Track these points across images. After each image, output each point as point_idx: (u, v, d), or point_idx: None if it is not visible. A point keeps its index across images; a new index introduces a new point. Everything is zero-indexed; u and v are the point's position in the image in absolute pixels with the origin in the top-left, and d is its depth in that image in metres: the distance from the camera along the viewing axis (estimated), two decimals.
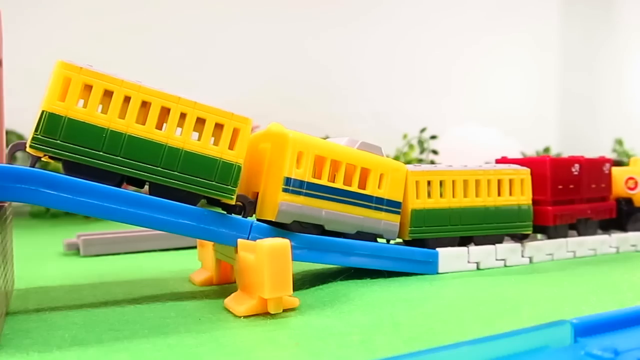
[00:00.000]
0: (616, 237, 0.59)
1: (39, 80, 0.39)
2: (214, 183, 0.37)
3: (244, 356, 0.28)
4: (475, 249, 0.49)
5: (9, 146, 0.36)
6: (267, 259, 0.34)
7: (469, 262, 0.49)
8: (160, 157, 0.36)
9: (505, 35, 1.69)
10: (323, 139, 0.43)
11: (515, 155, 1.14)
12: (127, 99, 0.35)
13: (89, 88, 0.34)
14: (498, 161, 0.57)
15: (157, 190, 0.36)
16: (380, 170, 0.45)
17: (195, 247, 0.52)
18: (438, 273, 0.48)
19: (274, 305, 0.34)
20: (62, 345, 0.29)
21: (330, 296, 0.40)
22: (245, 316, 0.34)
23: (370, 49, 1.49)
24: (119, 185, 0.35)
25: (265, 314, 0.35)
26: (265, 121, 0.51)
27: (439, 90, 1.57)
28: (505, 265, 0.51)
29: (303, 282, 0.44)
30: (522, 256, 0.52)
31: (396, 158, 1.00)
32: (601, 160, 0.58)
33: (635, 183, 0.61)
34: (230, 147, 0.38)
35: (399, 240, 0.49)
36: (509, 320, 0.34)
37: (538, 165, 0.53)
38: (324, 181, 0.42)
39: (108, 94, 0.35)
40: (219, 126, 0.37)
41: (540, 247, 0.53)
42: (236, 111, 0.38)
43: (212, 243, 0.44)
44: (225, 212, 0.39)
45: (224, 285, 0.44)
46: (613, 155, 1.56)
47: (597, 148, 1.32)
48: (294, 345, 0.29)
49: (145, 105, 0.36)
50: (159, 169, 0.36)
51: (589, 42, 1.84)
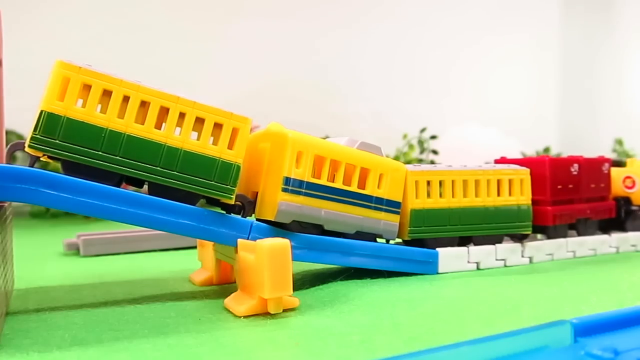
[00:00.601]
0: (616, 237, 0.59)
1: (39, 80, 0.39)
2: (213, 183, 0.37)
3: (244, 356, 0.28)
4: (475, 249, 0.49)
5: (8, 146, 0.36)
6: (267, 259, 0.34)
7: (468, 262, 0.49)
8: (159, 157, 0.36)
9: (505, 35, 1.68)
10: (323, 139, 0.43)
11: (515, 155, 1.15)
12: (126, 99, 0.35)
13: (88, 88, 0.34)
14: (497, 161, 0.56)
15: (156, 190, 0.36)
16: (379, 170, 0.45)
17: (195, 247, 0.52)
18: (438, 273, 0.48)
19: (274, 305, 0.34)
20: (62, 345, 0.29)
21: (330, 296, 0.40)
22: (245, 316, 0.34)
23: (370, 48, 1.49)
24: (118, 185, 0.35)
25: (265, 314, 0.35)
26: (264, 121, 0.51)
27: (439, 90, 1.57)
28: (505, 265, 0.51)
29: (303, 282, 0.44)
30: (522, 256, 0.52)
31: (396, 158, 1.01)
32: (600, 160, 0.58)
33: (633, 182, 0.61)
34: (230, 147, 0.38)
35: (399, 240, 0.49)
36: (509, 320, 0.34)
37: (537, 165, 0.53)
38: (323, 181, 0.42)
39: (107, 94, 0.35)
40: (218, 126, 0.37)
41: (540, 247, 0.53)
42: (235, 111, 0.38)
43: (212, 243, 0.44)
44: (224, 212, 0.39)
45: (224, 285, 0.44)
46: (613, 155, 1.55)
47: (597, 148, 1.32)
48: (294, 345, 0.29)
49: (144, 105, 0.36)
50: (158, 168, 0.36)
51: (589, 42, 1.84)
